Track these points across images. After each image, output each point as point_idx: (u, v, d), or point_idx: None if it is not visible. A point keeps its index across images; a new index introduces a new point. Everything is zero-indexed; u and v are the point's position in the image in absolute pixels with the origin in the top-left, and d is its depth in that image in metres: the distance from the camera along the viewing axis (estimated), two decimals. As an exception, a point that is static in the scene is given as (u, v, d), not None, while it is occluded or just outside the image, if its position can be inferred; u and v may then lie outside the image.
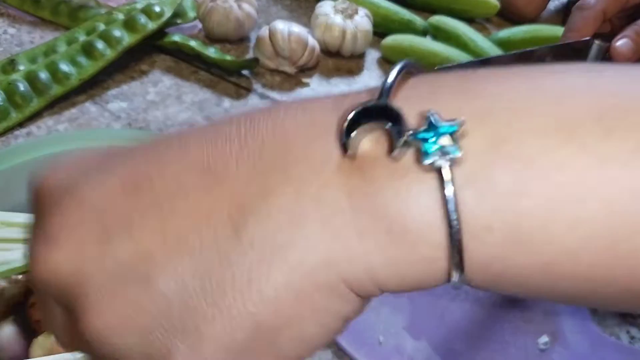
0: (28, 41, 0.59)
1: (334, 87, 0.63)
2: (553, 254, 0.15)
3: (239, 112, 0.18)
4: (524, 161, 0.15)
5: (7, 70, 0.52)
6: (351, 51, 0.67)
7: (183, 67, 0.60)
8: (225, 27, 0.63)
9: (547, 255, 0.15)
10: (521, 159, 0.15)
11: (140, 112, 0.54)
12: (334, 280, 0.16)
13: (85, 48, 0.54)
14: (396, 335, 0.40)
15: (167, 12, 0.59)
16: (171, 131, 0.51)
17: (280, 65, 0.61)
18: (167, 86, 0.57)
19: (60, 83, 0.52)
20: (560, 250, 0.15)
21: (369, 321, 0.40)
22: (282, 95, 0.60)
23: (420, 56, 0.65)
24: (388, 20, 0.72)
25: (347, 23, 0.65)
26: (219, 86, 0.59)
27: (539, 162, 0.15)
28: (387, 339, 0.40)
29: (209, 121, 0.54)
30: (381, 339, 0.40)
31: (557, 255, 0.15)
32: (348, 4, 0.66)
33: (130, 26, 0.57)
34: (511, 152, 0.15)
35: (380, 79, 0.68)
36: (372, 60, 0.69)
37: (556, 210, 0.15)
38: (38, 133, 0.49)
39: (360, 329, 0.40)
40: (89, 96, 0.54)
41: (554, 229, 0.15)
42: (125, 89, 0.56)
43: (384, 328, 0.40)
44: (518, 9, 0.84)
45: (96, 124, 0.51)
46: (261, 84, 0.61)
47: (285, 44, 0.60)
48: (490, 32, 0.80)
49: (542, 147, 0.15)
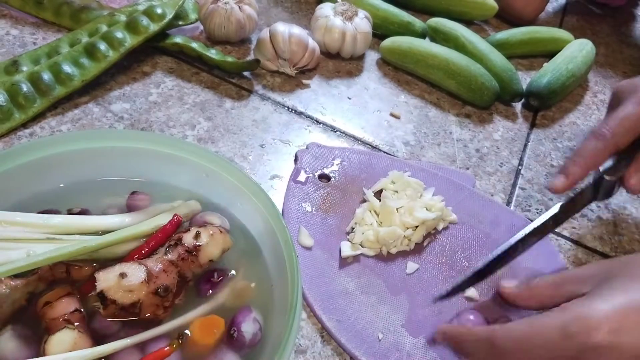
0: (31, 42, 0.59)
1: (334, 89, 0.64)
2: None
3: None
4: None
5: (10, 71, 0.53)
6: (351, 53, 0.67)
7: (185, 68, 0.61)
8: (226, 29, 0.63)
9: None
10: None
11: (143, 113, 0.54)
12: None
13: (87, 49, 0.55)
14: (395, 332, 0.41)
15: (168, 14, 0.60)
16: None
17: (281, 66, 0.62)
18: (169, 87, 0.58)
19: (63, 84, 0.52)
20: None
21: (368, 319, 0.41)
22: (282, 96, 0.61)
23: (419, 58, 0.66)
24: (387, 22, 0.72)
25: (347, 25, 0.65)
26: (220, 87, 0.60)
27: None
28: (386, 336, 0.40)
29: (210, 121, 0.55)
30: (380, 337, 0.40)
31: None
32: (348, 6, 0.67)
33: (133, 28, 0.57)
34: None
35: (379, 80, 0.68)
36: (372, 61, 0.70)
37: None
38: (41, 134, 0.50)
39: (360, 327, 0.40)
40: (91, 97, 0.54)
41: None
42: (128, 90, 0.56)
43: (383, 326, 0.41)
44: (516, 11, 0.84)
45: (99, 125, 0.52)
46: (262, 85, 0.61)
47: (285, 45, 0.60)
48: (488, 33, 0.81)
49: None
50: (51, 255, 0.32)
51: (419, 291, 0.44)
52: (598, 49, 0.82)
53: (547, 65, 0.70)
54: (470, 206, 0.51)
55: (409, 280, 0.44)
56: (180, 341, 0.32)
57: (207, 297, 0.35)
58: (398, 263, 0.46)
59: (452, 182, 0.53)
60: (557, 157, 0.62)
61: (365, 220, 0.47)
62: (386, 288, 0.44)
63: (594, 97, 0.74)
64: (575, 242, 0.52)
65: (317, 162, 0.52)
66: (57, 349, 0.30)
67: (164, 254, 0.35)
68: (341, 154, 0.53)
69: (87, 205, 0.38)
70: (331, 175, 0.51)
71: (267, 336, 0.34)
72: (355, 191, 0.50)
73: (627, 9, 1.02)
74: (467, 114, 0.65)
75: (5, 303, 0.32)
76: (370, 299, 0.42)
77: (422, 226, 0.47)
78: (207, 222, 0.38)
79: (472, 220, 0.50)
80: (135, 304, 0.32)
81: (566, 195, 0.48)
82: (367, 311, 0.42)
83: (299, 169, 0.51)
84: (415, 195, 0.49)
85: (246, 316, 0.34)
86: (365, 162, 0.53)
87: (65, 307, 0.32)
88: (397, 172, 0.51)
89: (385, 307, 0.42)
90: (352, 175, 0.52)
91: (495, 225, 0.50)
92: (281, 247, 0.35)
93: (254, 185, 0.38)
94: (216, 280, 0.36)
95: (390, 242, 0.45)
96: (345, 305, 0.41)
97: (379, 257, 0.46)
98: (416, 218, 0.46)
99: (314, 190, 0.49)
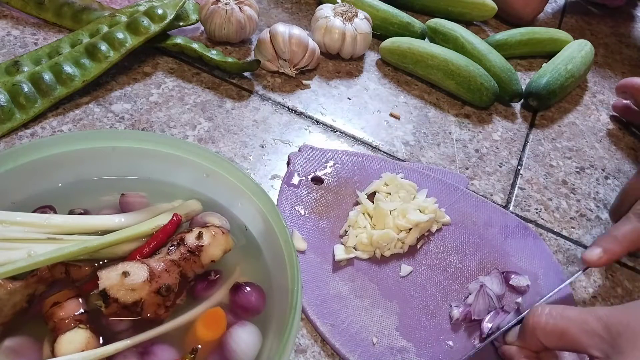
0: (32, 43, 0.59)
1: (334, 89, 0.64)
2: None
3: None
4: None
5: (11, 71, 0.53)
6: (351, 53, 0.67)
7: (185, 69, 0.61)
8: (226, 29, 0.63)
9: None
10: None
11: (144, 113, 0.54)
12: None
13: (88, 50, 0.55)
14: (389, 336, 0.41)
15: (169, 14, 0.60)
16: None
17: (281, 67, 0.62)
18: (170, 88, 0.58)
19: (64, 84, 0.53)
20: None
21: (362, 323, 0.41)
22: (282, 96, 0.61)
23: (418, 58, 0.66)
24: (387, 23, 0.72)
25: (347, 26, 0.65)
26: (221, 88, 0.60)
27: None
28: (380, 340, 0.40)
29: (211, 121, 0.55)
30: (375, 340, 0.40)
31: None
32: (348, 7, 0.67)
33: (133, 28, 0.58)
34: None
35: (379, 81, 0.68)
36: (372, 62, 0.70)
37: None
38: (42, 134, 0.50)
39: (354, 331, 0.40)
40: (92, 97, 0.55)
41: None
42: (129, 90, 0.56)
43: (377, 329, 0.41)
44: (515, 11, 0.85)
45: (100, 125, 0.52)
46: (262, 85, 0.61)
47: (285, 46, 0.60)
48: (487, 34, 0.81)
49: None
50: (52, 255, 0.32)
51: (413, 294, 0.44)
52: (597, 49, 0.83)
53: (546, 66, 0.70)
54: (464, 207, 0.51)
55: (403, 283, 0.44)
56: (194, 356, 0.32)
57: (206, 296, 0.35)
58: (392, 266, 0.45)
59: (446, 184, 0.53)
60: (556, 157, 0.62)
61: (359, 223, 0.47)
62: (380, 291, 0.43)
63: (592, 97, 0.75)
64: (575, 242, 0.53)
65: (310, 165, 0.52)
66: (68, 348, 0.30)
67: (166, 253, 0.35)
68: (334, 156, 0.53)
69: (87, 204, 0.38)
70: (324, 178, 0.51)
71: (268, 336, 0.34)
72: (349, 194, 0.50)
73: (626, 10, 1.02)
74: (467, 114, 0.65)
75: (6, 306, 0.32)
76: (364, 303, 0.42)
77: (415, 228, 0.47)
78: (207, 222, 0.38)
79: (465, 221, 0.50)
80: (138, 303, 0.32)
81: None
82: (361, 315, 0.41)
83: (292, 171, 0.51)
84: (409, 197, 0.49)
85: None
86: (358, 164, 0.53)
87: (75, 307, 0.32)
88: (390, 174, 0.51)
89: (379, 311, 0.42)
90: (345, 177, 0.52)
91: (488, 227, 0.50)
92: (281, 247, 0.35)
93: (254, 185, 0.38)
94: (213, 279, 0.36)
95: (383, 245, 0.45)
96: (339, 309, 0.41)
97: (373, 260, 0.46)
98: (409, 220, 0.46)
99: (307, 193, 0.49)
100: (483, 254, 0.48)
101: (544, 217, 0.54)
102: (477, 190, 0.55)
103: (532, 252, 0.49)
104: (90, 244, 0.34)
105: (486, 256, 0.48)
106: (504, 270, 0.46)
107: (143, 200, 0.40)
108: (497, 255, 0.48)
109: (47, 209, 0.37)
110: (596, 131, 0.68)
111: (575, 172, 0.61)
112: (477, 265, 0.47)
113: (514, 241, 0.49)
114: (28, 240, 0.34)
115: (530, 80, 0.69)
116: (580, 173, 0.61)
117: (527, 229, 0.51)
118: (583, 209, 0.56)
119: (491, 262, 0.47)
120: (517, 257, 0.48)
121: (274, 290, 0.36)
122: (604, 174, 0.62)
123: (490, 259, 0.47)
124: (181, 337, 0.33)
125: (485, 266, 0.47)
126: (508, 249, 0.49)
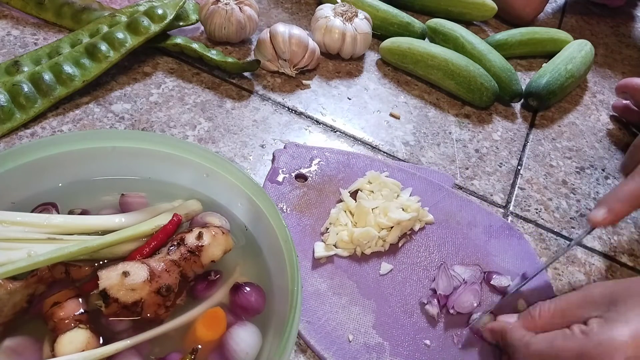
0: (32, 43, 0.59)
1: (334, 89, 0.64)
2: None
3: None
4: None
5: (11, 71, 0.53)
6: (351, 53, 0.67)
7: (185, 69, 0.61)
8: (226, 29, 0.63)
9: None
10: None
11: (144, 113, 0.54)
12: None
13: (88, 50, 0.55)
14: (365, 334, 0.40)
15: (169, 14, 0.60)
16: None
17: (281, 67, 0.62)
18: (170, 88, 0.58)
19: (64, 84, 0.53)
20: None
21: (339, 320, 0.41)
22: (282, 96, 0.61)
23: (418, 58, 0.66)
24: (387, 23, 0.72)
25: (347, 26, 0.65)
26: (221, 88, 0.60)
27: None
28: (356, 338, 0.40)
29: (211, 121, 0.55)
30: (351, 338, 0.40)
31: None
32: (348, 7, 0.67)
33: (133, 28, 0.58)
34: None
35: (379, 81, 0.68)
36: (372, 62, 0.70)
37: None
38: (42, 134, 0.50)
39: (331, 328, 0.40)
40: (92, 97, 0.55)
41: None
42: (129, 90, 0.56)
43: (353, 327, 0.41)
44: (515, 11, 0.85)
45: (100, 125, 0.52)
46: (262, 85, 0.61)
47: (285, 46, 0.60)
48: (487, 34, 0.81)
49: None
50: (52, 255, 0.32)
51: (392, 292, 0.44)
52: (597, 49, 0.83)
53: (546, 66, 0.70)
54: (448, 207, 0.51)
55: (382, 282, 0.44)
56: (194, 357, 0.32)
57: (206, 296, 0.35)
58: (372, 264, 0.45)
59: (431, 183, 0.53)
60: (556, 157, 0.62)
61: (340, 220, 0.47)
62: (358, 289, 0.43)
63: (592, 97, 0.75)
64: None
65: (295, 162, 0.52)
66: (68, 348, 0.30)
67: (166, 253, 0.35)
68: (319, 153, 0.53)
69: (87, 204, 0.39)
70: (308, 175, 0.51)
71: (267, 336, 0.34)
72: (332, 191, 0.50)
73: (626, 10, 1.02)
74: (467, 114, 0.65)
75: (6, 306, 0.32)
76: (341, 300, 0.42)
77: (397, 227, 0.47)
78: (208, 222, 0.38)
79: (449, 221, 0.50)
80: (138, 302, 0.32)
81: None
82: (338, 312, 0.41)
83: (276, 168, 0.51)
84: (392, 195, 0.49)
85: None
86: (343, 162, 0.53)
87: (75, 307, 0.32)
88: (374, 172, 0.51)
89: (356, 308, 0.42)
90: (330, 175, 0.51)
91: (472, 226, 0.50)
92: (281, 247, 0.35)
93: (254, 185, 0.38)
94: (213, 279, 0.36)
95: (364, 242, 0.45)
96: (316, 307, 0.41)
97: (353, 258, 0.45)
98: (391, 219, 0.46)
99: (289, 190, 0.49)
100: (465, 254, 0.48)
101: (544, 217, 0.54)
102: (477, 190, 0.55)
103: (515, 253, 0.49)
104: (90, 244, 0.34)
105: (469, 256, 0.47)
106: (486, 270, 0.46)
107: (143, 201, 0.40)
108: (479, 255, 0.48)
109: (49, 206, 0.37)
110: (596, 131, 0.68)
111: (575, 172, 0.61)
112: (459, 264, 0.47)
113: (498, 241, 0.49)
114: (28, 240, 0.34)
115: (530, 80, 0.69)
116: (580, 173, 0.61)
117: (512, 230, 0.51)
118: (583, 209, 0.56)
119: (473, 261, 0.47)
120: (500, 257, 0.48)
121: (274, 290, 0.36)
122: (604, 174, 0.62)
123: (472, 259, 0.47)
124: (181, 337, 0.33)
125: (468, 265, 0.47)
126: (491, 249, 0.48)
